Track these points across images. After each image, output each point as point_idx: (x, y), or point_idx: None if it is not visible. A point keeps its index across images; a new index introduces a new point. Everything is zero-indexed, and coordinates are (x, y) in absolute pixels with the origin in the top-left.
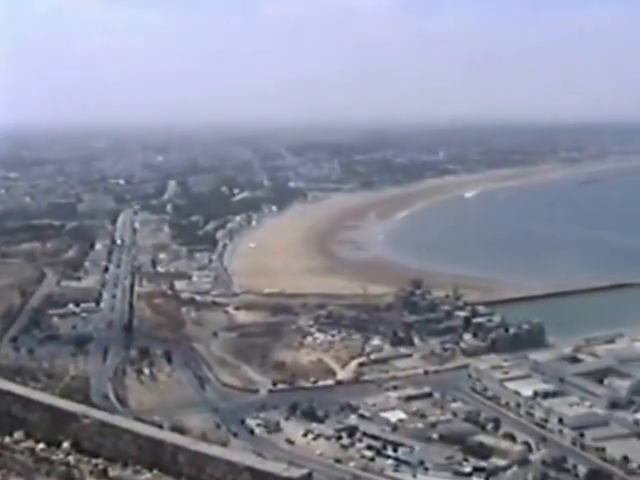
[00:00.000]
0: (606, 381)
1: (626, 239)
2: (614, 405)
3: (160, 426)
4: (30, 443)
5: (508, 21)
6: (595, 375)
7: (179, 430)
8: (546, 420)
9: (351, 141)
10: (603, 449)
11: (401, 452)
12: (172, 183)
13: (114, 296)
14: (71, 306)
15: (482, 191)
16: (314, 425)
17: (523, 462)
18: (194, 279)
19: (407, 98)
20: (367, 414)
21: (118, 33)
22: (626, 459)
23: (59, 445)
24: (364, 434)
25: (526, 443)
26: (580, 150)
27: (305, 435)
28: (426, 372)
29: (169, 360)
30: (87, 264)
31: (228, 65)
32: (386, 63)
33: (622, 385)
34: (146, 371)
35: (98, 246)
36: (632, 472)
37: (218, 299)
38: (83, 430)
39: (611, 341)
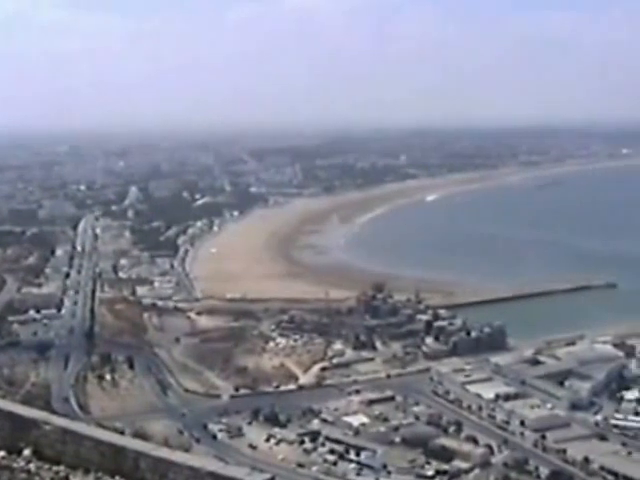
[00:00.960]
0: (567, 383)
1: (584, 241)
2: (575, 407)
3: (122, 432)
4: None
5: (468, 27)
6: (556, 377)
7: (141, 436)
8: (508, 422)
9: (312, 146)
10: (564, 451)
11: (364, 456)
12: (133, 189)
13: (75, 302)
14: (32, 312)
15: (443, 195)
16: (276, 430)
17: (485, 465)
18: (156, 285)
19: (368, 102)
20: (329, 418)
21: (79, 37)
22: (587, 460)
23: (20, 453)
24: (327, 438)
25: (488, 446)
26: (540, 154)
27: (268, 440)
28: (388, 376)
29: (131, 366)
30: (48, 270)
31: (191, 69)
32: (348, 67)
33: (583, 387)
34: (108, 377)
35: (59, 252)
36: (593, 473)
37: (180, 305)
38: (44, 437)
39: (572, 343)
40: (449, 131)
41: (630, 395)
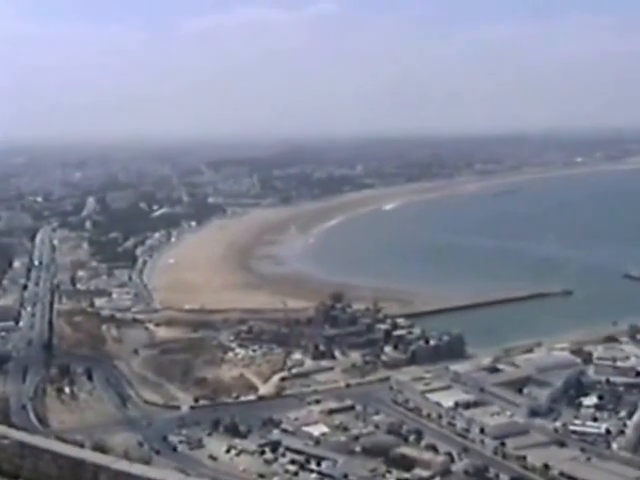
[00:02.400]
0: (525, 390)
1: (540, 249)
2: (534, 414)
3: (81, 445)
4: None
5: (422, 35)
6: (515, 384)
7: (101, 449)
8: (467, 430)
9: (269, 156)
10: (524, 457)
11: (324, 466)
12: (91, 200)
13: (33, 314)
14: None
15: (400, 204)
16: (237, 441)
17: (446, 473)
18: (114, 296)
19: (323, 112)
20: (290, 428)
21: (36, 45)
22: (547, 467)
23: None
24: (287, 449)
25: (448, 454)
26: (496, 162)
27: (228, 451)
28: (348, 385)
29: (90, 378)
30: (5, 282)
31: (145, 80)
32: (304, 77)
33: (541, 394)
34: (67, 390)
35: (16, 264)
36: (553, 479)
37: (138, 316)
38: (2, 451)
39: (530, 350)
40: (405, 140)
41: (588, 401)
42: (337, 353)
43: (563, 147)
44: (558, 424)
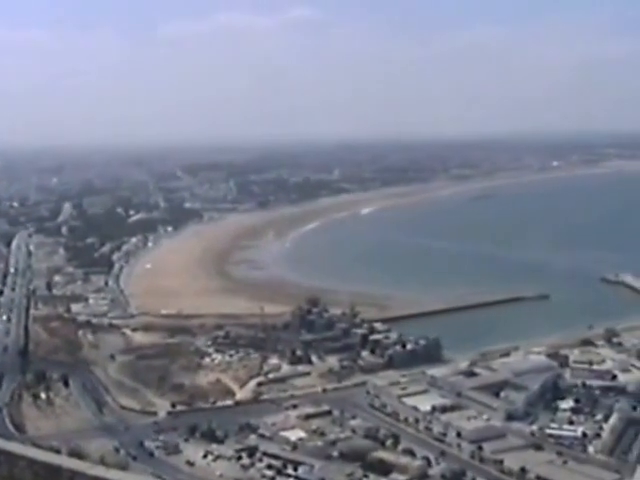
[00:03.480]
0: (502, 394)
1: (514, 253)
2: (511, 417)
3: (58, 451)
4: None
5: (400, 40)
6: (491, 388)
7: (77, 455)
8: (444, 434)
9: (246, 161)
10: (501, 461)
11: (301, 471)
12: (67, 205)
13: (9, 320)
14: None
15: (377, 209)
16: (214, 446)
17: (423, 477)
18: (90, 302)
19: (300, 116)
20: (267, 433)
21: (7, 50)
22: (524, 470)
23: None
24: (264, 454)
25: (425, 458)
26: (471, 167)
27: (205, 456)
28: (325, 390)
29: (66, 384)
30: None
31: (123, 85)
32: (281, 83)
33: (518, 397)
34: (43, 396)
35: None
36: None
37: (115, 321)
38: None
39: (506, 354)
40: (381, 145)
41: (564, 405)
42: (314, 358)
43: (539, 151)
44: (535, 428)
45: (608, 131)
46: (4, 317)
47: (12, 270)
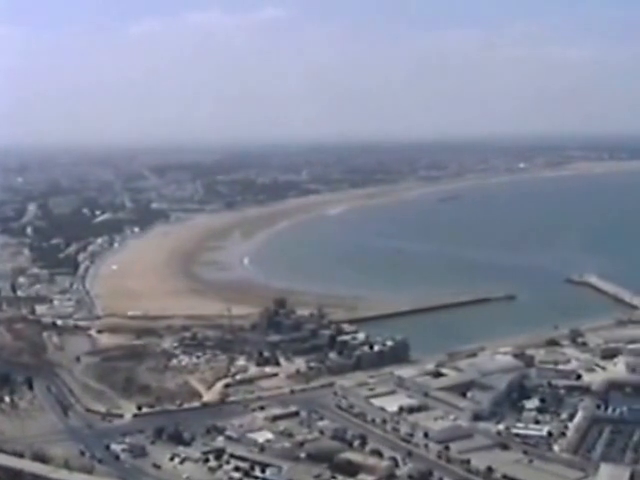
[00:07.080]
0: (469, 394)
1: (481, 254)
2: (477, 417)
3: (21, 455)
4: None
5: (368, 41)
6: (458, 389)
7: (41, 459)
8: (412, 435)
9: (213, 161)
10: (468, 461)
11: (269, 472)
12: (32, 205)
13: None
14: None
15: (345, 210)
16: (181, 448)
17: (390, 477)
18: (55, 303)
19: (267, 118)
20: (234, 435)
21: None
22: (490, 469)
23: None
24: (231, 456)
25: (393, 458)
26: (439, 168)
27: (172, 459)
28: (292, 391)
29: (30, 387)
30: None
31: (93, 84)
32: (248, 80)
33: (484, 397)
34: (6, 399)
35: None
36: None
37: (80, 323)
38: None
39: (473, 355)
40: (348, 147)
41: (530, 404)
42: (281, 359)
43: (506, 153)
44: (501, 427)
45: (575, 134)
46: None
47: None
